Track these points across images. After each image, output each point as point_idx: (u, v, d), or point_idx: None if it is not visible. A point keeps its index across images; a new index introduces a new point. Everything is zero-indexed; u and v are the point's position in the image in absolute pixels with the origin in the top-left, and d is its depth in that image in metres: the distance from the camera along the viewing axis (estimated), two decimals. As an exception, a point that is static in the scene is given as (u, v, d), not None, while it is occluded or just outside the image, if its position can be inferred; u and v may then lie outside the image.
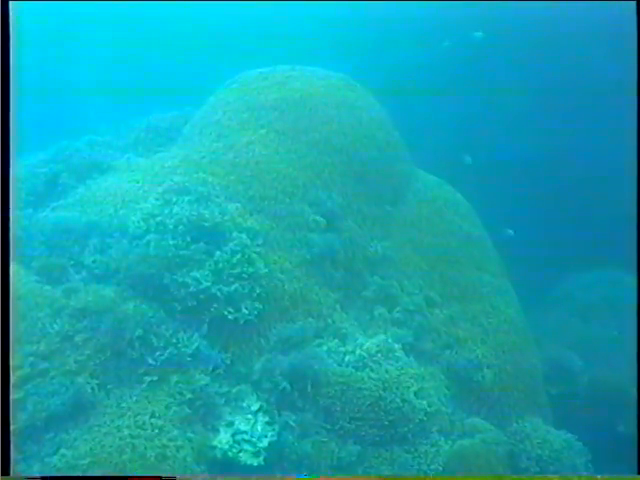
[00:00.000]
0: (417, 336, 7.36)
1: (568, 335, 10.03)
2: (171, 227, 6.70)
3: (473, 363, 7.30)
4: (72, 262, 6.74)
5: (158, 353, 6.17)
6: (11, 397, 5.43)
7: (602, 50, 11.84)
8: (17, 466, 5.26)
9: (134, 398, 5.95)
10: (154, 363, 6.14)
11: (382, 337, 6.95)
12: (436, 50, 13.63)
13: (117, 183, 7.73)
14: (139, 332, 6.13)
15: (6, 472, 4.89)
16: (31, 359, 5.79)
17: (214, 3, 17.57)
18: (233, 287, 6.49)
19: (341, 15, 16.27)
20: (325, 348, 6.75)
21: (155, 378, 6.09)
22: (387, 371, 6.50)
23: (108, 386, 5.96)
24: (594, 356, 9.39)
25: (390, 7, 14.48)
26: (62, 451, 5.43)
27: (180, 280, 6.41)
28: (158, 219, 6.78)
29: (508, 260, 9.36)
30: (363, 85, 9.79)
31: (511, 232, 10.61)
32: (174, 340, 6.27)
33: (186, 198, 7.01)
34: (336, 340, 6.89)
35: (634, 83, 7.91)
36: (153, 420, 5.80)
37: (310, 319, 6.94)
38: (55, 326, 6.06)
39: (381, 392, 6.32)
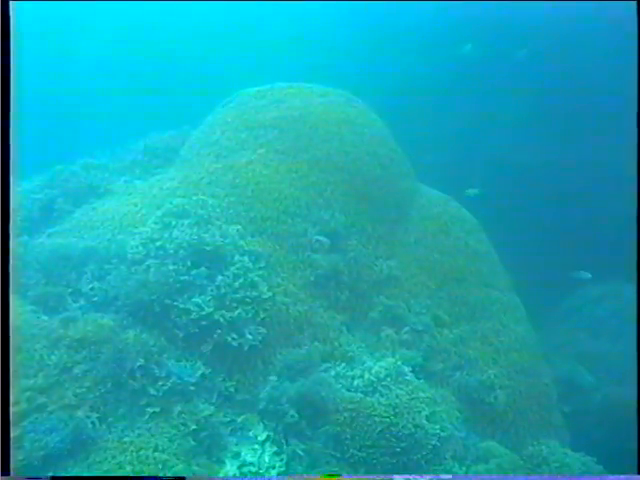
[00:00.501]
0: (426, 357, 7.17)
1: (578, 351, 9.80)
2: (171, 252, 6.52)
3: (485, 384, 7.08)
4: (69, 290, 6.54)
5: (160, 383, 5.94)
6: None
7: (602, 50, 11.76)
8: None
9: (136, 431, 5.70)
10: (156, 394, 5.90)
11: (391, 360, 6.73)
12: (434, 58, 13.55)
13: (114, 207, 7.58)
14: (140, 362, 5.92)
15: (6, 472, 4.77)
16: (28, 394, 5.55)
17: (210, 16, 17.56)
18: (236, 312, 6.30)
19: (340, 23, 16.21)
20: (333, 373, 6.54)
21: (158, 409, 5.85)
22: (398, 396, 6.26)
23: (109, 419, 5.70)
24: (606, 372, 9.16)
25: (388, 17, 14.44)
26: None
27: (181, 306, 6.22)
28: (157, 244, 6.61)
29: (514, 275, 9.19)
30: (361, 94, 9.68)
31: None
32: (176, 369, 6.05)
33: (186, 221, 6.85)
34: (343, 364, 6.68)
35: (634, 83, 7.81)
36: (156, 454, 5.54)
37: (316, 343, 6.74)
38: (53, 358, 5.83)
39: (392, 418, 6.07)
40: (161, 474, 5.44)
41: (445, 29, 13.59)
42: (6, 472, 4.77)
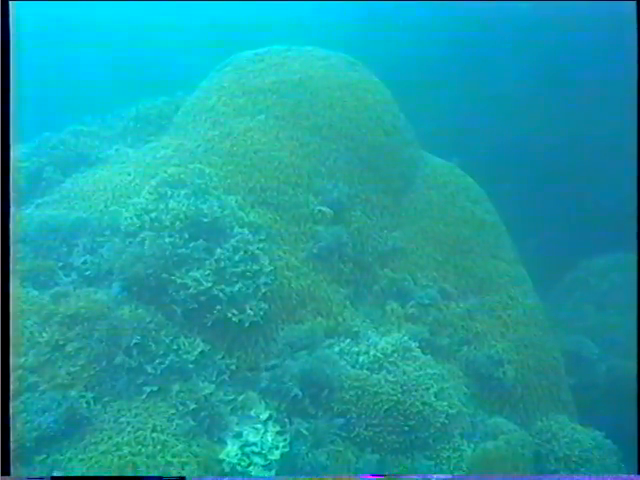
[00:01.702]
0: (433, 332, 6.99)
1: (583, 323, 9.66)
2: (167, 223, 6.23)
3: (493, 359, 6.90)
4: (60, 264, 6.28)
5: (158, 361, 5.72)
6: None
7: (602, 50, 11.54)
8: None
9: (133, 411, 5.49)
10: (154, 372, 5.69)
11: (397, 335, 6.52)
12: (435, 36, 13.20)
13: (106, 176, 7.28)
14: (136, 339, 5.69)
15: (6, 472, 4.68)
16: (19, 372, 5.33)
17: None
18: (236, 287, 6.04)
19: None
20: (337, 349, 6.32)
21: (155, 388, 5.65)
22: (405, 372, 6.06)
23: (104, 399, 5.50)
24: (611, 344, 9.04)
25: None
26: (55, 474, 4.96)
27: (179, 281, 5.95)
28: (152, 215, 6.31)
29: (519, 246, 8.95)
30: (361, 60, 9.30)
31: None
32: (175, 346, 5.84)
33: (182, 191, 6.54)
34: (348, 340, 6.47)
35: (634, 82, 7.65)
36: (155, 435, 5.34)
37: (319, 318, 6.51)
38: (44, 335, 5.59)
39: (399, 395, 5.87)
40: (159, 455, 5.23)
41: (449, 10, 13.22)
42: (6, 472, 4.68)
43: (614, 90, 10.02)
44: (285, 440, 5.68)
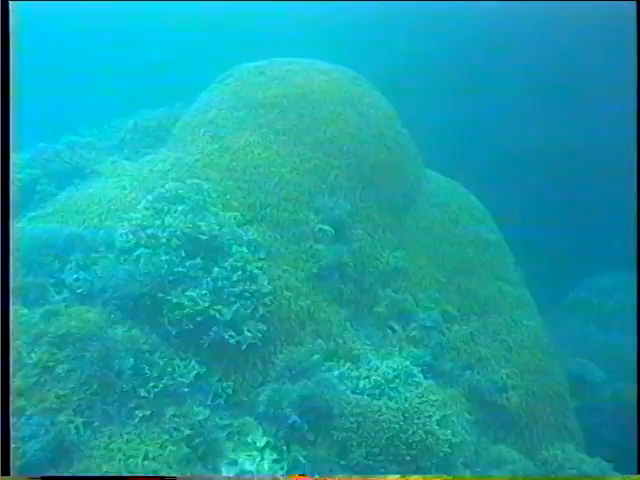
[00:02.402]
0: (435, 355, 6.80)
1: (587, 345, 9.48)
2: (163, 240, 6.05)
3: (497, 384, 6.74)
4: (52, 281, 6.05)
5: (151, 384, 5.52)
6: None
7: (602, 50, 11.49)
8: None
9: (125, 437, 5.26)
10: (147, 396, 5.48)
11: (399, 359, 6.35)
12: (435, 44, 13.14)
13: (102, 190, 7.07)
14: (129, 361, 5.50)
15: (6, 472, 4.57)
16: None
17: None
18: (234, 307, 5.87)
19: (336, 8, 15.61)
20: (337, 373, 6.12)
21: (148, 412, 5.43)
22: (407, 399, 5.86)
23: (95, 424, 5.25)
24: (617, 367, 8.85)
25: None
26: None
27: (175, 301, 5.77)
28: (148, 231, 6.13)
29: (522, 264, 8.78)
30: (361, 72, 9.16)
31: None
32: (169, 369, 5.64)
33: (179, 207, 6.36)
34: (348, 363, 6.28)
35: (634, 82, 7.57)
36: (146, 462, 5.12)
37: (319, 340, 6.31)
38: (33, 356, 5.36)
39: (401, 423, 5.67)
40: (152, 484, 5.02)
41: (449, 9, 13.16)
42: (6, 472, 4.57)
43: (615, 94, 9.96)
44: (282, 469, 5.49)
